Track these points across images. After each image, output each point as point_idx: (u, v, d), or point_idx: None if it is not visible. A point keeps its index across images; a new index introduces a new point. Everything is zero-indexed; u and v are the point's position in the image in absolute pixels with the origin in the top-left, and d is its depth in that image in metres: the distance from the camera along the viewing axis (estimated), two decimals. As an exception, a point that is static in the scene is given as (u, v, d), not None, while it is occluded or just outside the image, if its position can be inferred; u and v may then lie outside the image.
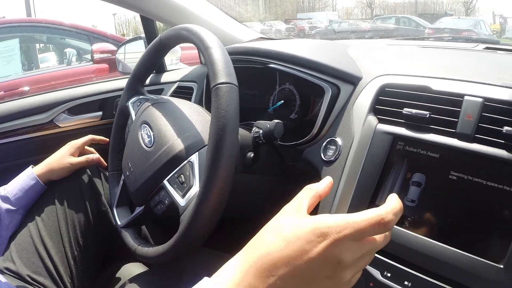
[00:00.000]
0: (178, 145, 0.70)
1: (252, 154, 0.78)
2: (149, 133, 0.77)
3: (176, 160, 0.70)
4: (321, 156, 0.74)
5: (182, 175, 0.68)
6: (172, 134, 0.73)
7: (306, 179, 0.80)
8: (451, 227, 0.55)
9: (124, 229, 0.81)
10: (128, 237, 0.79)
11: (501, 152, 0.53)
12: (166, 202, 0.70)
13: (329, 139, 0.75)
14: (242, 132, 0.79)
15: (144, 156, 0.75)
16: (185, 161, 0.69)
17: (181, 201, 0.67)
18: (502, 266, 0.50)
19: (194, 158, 0.69)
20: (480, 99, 0.57)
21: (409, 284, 0.56)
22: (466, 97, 0.58)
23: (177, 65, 1.57)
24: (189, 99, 1.09)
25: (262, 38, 1.31)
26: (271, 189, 0.89)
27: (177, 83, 1.26)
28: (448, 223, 0.56)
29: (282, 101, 1.00)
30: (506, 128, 0.53)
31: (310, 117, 0.93)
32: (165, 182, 0.70)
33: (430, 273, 0.55)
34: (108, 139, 1.01)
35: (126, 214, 0.86)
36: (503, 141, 0.54)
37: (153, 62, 0.87)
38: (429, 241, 0.56)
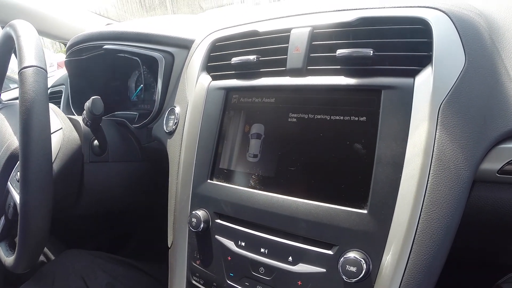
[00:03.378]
0: (14, 143, 0.67)
1: (96, 141, 0.72)
2: None
3: (12, 158, 0.67)
4: (164, 129, 0.66)
5: (19, 172, 0.63)
6: (10, 134, 0.69)
7: (159, 158, 0.71)
8: (301, 177, 0.47)
9: None
10: (0, 252, 0.72)
11: (338, 79, 0.46)
12: (12, 204, 0.67)
13: (169, 109, 0.66)
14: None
15: None
16: None
17: (18, 199, 0.61)
18: (366, 212, 0.41)
19: None
20: (308, 29, 0.50)
21: (266, 251, 0.48)
22: (293, 30, 0.52)
23: (54, 72, 1.45)
24: (60, 102, 1.05)
25: (109, 24, 1.23)
26: (132, 176, 0.80)
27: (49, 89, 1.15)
28: (297, 173, 0.48)
29: (142, 85, 0.92)
30: (339, 51, 0.46)
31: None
32: (9, 183, 0.67)
33: (288, 234, 0.47)
34: None
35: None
36: (338, 67, 0.47)
37: (1, 68, 0.81)
38: (280, 197, 0.47)
